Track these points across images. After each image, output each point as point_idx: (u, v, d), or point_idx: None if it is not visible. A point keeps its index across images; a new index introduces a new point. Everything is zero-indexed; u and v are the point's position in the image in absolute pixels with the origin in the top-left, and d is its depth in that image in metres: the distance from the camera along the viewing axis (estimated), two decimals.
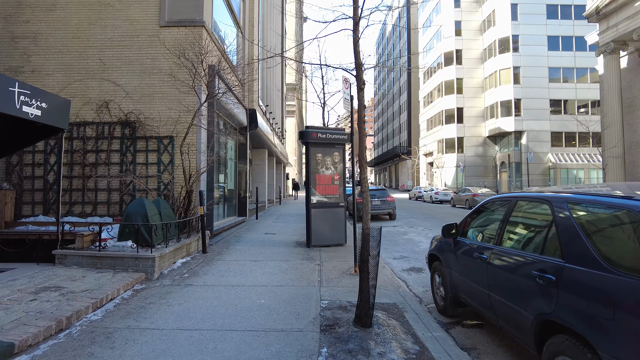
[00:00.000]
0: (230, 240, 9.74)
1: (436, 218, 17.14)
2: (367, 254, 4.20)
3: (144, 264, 5.82)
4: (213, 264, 7.01)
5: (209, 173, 9.52)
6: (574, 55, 40.63)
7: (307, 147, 8.87)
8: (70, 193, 9.13)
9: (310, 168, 8.88)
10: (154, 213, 6.59)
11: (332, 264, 7.22)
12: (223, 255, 7.85)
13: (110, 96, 9.28)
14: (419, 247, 9.84)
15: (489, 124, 43.54)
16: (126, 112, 9.20)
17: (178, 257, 6.92)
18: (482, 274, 3.74)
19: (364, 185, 4.37)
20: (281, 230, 11.93)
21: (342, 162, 9.29)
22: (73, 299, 4.29)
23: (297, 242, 9.59)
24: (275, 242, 9.66)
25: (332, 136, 9.01)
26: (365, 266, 4.19)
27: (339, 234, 9.12)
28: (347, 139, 9.21)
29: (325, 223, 8.98)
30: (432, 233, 12.13)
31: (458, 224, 4.71)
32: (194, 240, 7.82)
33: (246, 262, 7.17)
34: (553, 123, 40.43)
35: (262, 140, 18.15)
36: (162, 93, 9.27)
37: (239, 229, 11.81)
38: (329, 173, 9.10)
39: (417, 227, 13.79)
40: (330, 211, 9.04)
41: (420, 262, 8.14)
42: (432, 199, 30.91)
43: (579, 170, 39.19)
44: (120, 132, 9.24)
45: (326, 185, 9.05)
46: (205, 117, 9.07)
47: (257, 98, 16.35)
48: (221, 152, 12.16)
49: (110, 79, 9.32)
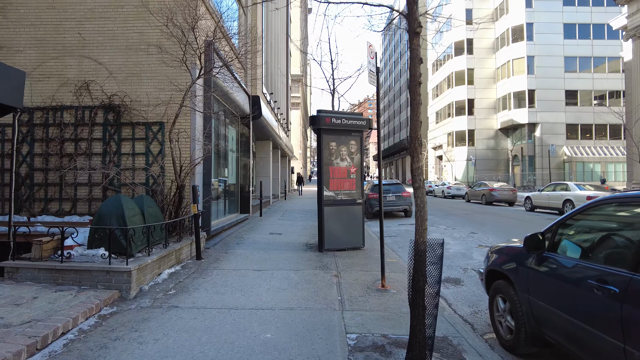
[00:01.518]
0: (231, 242, 8.49)
1: (455, 215, 15.82)
2: (424, 281, 2.92)
3: (118, 279, 4.58)
4: (208, 274, 5.76)
5: (205, 165, 8.26)
6: (591, 44, 38.86)
7: (319, 135, 7.58)
8: (45, 188, 7.91)
9: (323, 159, 7.60)
10: (133, 213, 5.33)
11: (352, 274, 5.95)
12: (221, 262, 6.60)
13: (91, 76, 8.02)
14: (448, 250, 8.54)
15: (501, 116, 41.96)
16: (109, 95, 7.93)
17: (165, 267, 5.67)
18: (607, 315, 2.44)
19: (417, 179, 3.08)
20: (288, 229, 10.67)
21: (360, 153, 7.99)
22: (1, 339, 3.05)
23: (307, 245, 8.32)
24: (282, 244, 8.40)
25: (349, 122, 7.71)
26: (420, 299, 2.91)
27: (355, 236, 7.85)
28: (366, 124, 7.91)
29: (340, 223, 7.70)
30: (457, 233, 10.83)
31: (543, 233, 3.40)
32: (186, 245, 6.57)
33: (248, 272, 5.92)
34: (568, 115, 38.80)
35: (267, 130, 16.86)
36: (150, 72, 8.00)
37: (241, 228, 10.56)
38: (344, 165, 7.80)
39: (438, 225, 12.49)
40: (345, 209, 7.77)
41: (454, 270, 6.86)
42: (444, 194, 29.53)
43: (596, 164, 37.62)
44: (102, 117, 7.98)
45: (341, 179, 7.76)
46: (201, 99, 7.78)
47: (260, 85, 15.04)
48: (221, 142, 10.89)
49: (91, 56, 8.05)
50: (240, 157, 13.09)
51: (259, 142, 19.63)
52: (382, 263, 5.39)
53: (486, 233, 10.75)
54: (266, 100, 16.18)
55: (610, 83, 38.58)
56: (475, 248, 8.74)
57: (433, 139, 51.42)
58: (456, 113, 44.17)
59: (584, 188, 15.09)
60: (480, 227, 11.89)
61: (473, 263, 7.28)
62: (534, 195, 17.52)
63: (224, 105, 10.95)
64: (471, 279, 6.22)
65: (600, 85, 38.74)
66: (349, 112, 7.96)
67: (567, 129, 38.87)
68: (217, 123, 10.25)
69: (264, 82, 15.98)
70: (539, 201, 17.01)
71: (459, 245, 9.09)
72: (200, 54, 6.83)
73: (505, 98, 41.09)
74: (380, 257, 5.44)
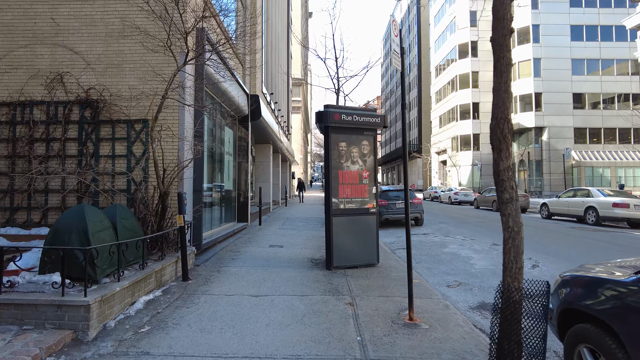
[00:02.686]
0: (225, 257, 7.43)
1: (469, 223, 14.75)
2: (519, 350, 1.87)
3: (73, 315, 3.53)
4: (193, 302, 4.70)
5: (196, 169, 7.22)
6: (599, 46, 37.99)
7: (327, 134, 6.55)
8: (11, 196, 6.86)
9: (332, 162, 6.56)
10: (101, 228, 4.28)
11: (371, 301, 4.88)
12: (211, 284, 5.54)
13: (65, 67, 7.01)
14: (473, 266, 7.48)
15: None
16: (87, 88, 6.92)
17: (141, 293, 4.61)
18: None
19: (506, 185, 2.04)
20: (290, 240, 9.60)
21: (373, 154, 6.96)
22: None
23: (312, 261, 7.26)
24: (284, 259, 7.34)
25: (361, 118, 6.68)
26: None
27: (369, 251, 6.80)
28: (380, 122, 6.88)
29: (351, 236, 6.65)
30: (477, 244, 9.76)
31: None
32: (169, 264, 5.51)
33: (243, 299, 4.85)
34: (576, 118, 37.84)
35: (267, 133, 15.84)
36: (133, 62, 6.99)
37: (238, 240, 9.50)
38: (355, 169, 6.77)
39: (453, 235, 11.42)
40: (357, 220, 6.72)
41: (488, 291, 5.80)
42: (450, 200, 28.47)
43: (605, 169, 36.55)
44: (78, 114, 6.95)
45: (352, 184, 6.72)
46: (191, 91, 6.76)
47: (260, 84, 14.05)
48: (216, 144, 9.87)
49: (66, 45, 7.05)
50: (237, 161, 12.06)
51: (258, 145, 18.63)
52: (409, 289, 4.33)
53: None
54: (266, 100, 15.19)
55: (619, 86, 37.67)
56: None
57: (436, 144, 50.41)
58: (460, 117, 43.22)
59: (607, 194, 14.03)
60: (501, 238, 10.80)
61: None
62: (551, 202, 16.46)
63: (219, 104, 9.94)
64: None
65: (608, 88, 37.80)
66: (361, 108, 6.95)
67: (575, 133, 37.89)
68: (211, 122, 9.24)
69: (263, 82, 15.00)
70: (556, 208, 15.95)
71: (484, 259, 8.02)
72: (186, 34, 5.78)
73: (512, 101, 40.07)
74: (408, 281, 4.38)
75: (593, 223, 13.68)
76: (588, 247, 9.45)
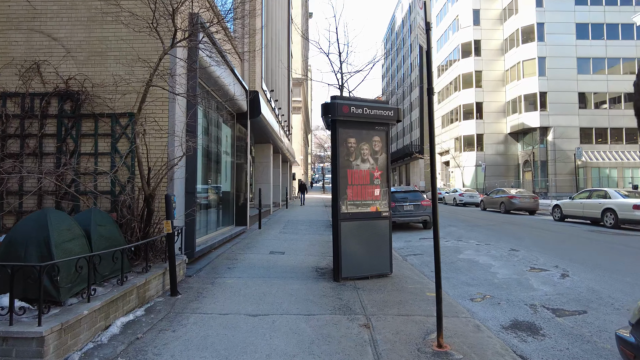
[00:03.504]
0: (221, 266, 6.71)
1: (481, 226, 14.02)
2: None
3: (22, 350, 2.81)
4: (181, 324, 3.98)
5: (188, 168, 6.51)
6: (605, 44, 37.32)
7: (335, 128, 5.84)
8: None
9: (339, 160, 5.84)
10: (68, 237, 3.57)
11: (389, 322, 4.16)
12: (203, 299, 4.82)
13: (43, 55, 6.31)
14: (495, 275, 6.75)
15: (511, 120, 40.31)
16: (66, 79, 6.21)
17: (118, 313, 3.89)
18: None
19: None
20: (292, 246, 8.88)
21: (386, 152, 6.24)
22: None
23: (318, 270, 6.54)
24: (286, 268, 6.61)
25: (372, 111, 5.97)
26: None
27: (381, 260, 6.07)
28: (394, 115, 6.17)
29: (362, 243, 5.93)
30: (494, 250, 9.04)
31: None
32: (155, 276, 4.79)
33: (239, 320, 4.14)
34: (582, 118, 37.15)
35: (267, 132, 15.14)
36: (119, 50, 6.28)
37: (236, 246, 8.78)
38: (366, 167, 6.05)
39: (466, 240, 10.70)
40: (368, 225, 6.00)
41: (518, 307, 5.07)
42: (455, 202, 27.76)
43: (612, 169, 35.85)
44: (57, 107, 6.25)
45: (362, 185, 6.00)
46: (184, 80, 6.05)
47: (260, 80, 13.35)
48: (212, 143, 9.17)
49: (44, 30, 6.35)
50: (236, 161, 11.36)
51: (258, 145, 17.93)
52: (438, 310, 3.61)
53: (530, 250, 8.96)
54: (266, 97, 14.49)
55: (625, 85, 36.92)
56: (527, 272, 6.95)
57: (439, 144, 49.70)
58: (464, 117, 42.51)
59: (625, 195, 13.31)
60: (518, 242, 10.09)
61: (539, 296, 5.49)
62: (564, 204, 15.74)
63: (215, 99, 9.24)
64: (550, 324, 4.42)
65: (615, 87, 37.11)
66: (372, 100, 6.23)
67: (581, 133, 37.18)
68: (206, 119, 8.54)
69: (263, 78, 14.30)
70: (570, 210, 15.23)
71: (505, 267, 7.30)
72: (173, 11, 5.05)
73: (516, 101, 39.47)
74: (437, 301, 3.66)
75: (611, 226, 12.96)
76: (618, 253, 8.73)
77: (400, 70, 70.70)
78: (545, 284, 6.07)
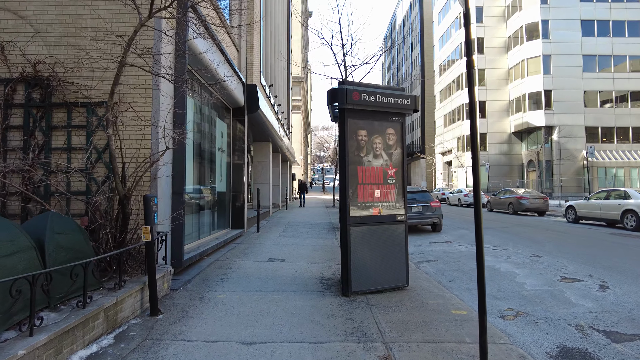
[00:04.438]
0: (212, 276, 5.91)
1: (492, 228, 13.23)
2: None
3: None
4: (158, 356, 3.19)
5: (176, 165, 5.73)
6: (611, 42, 36.55)
7: (343, 118, 5.05)
8: None
9: (348, 155, 5.05)
10: (8, 251, 2.78)
11: (415, 352, 3.36)
12: (189, 320, 4.03)
13: (7, 35, 5.51)
14: (523, 286, 5.96)
15: (515, 119, 39.54)
16: (35, 62, 5.42)
17: (77, 347, 3.09)
18: None
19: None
20: (293, 252, 8.09)
21: (401, 146, 5.46)
22: None
23: (323, 281, 5.75)
24: (286, 279, 5.82)
25: (386, 99, 5.18)
26: None
27: (397, 271, 5.28)
28: (410, 104, 5.38)
29: (374, 251, 5.14)
30: (514, 256, 8.25)
31: None
32: (131, 294, 3.99)
33: (230, 349, 3.34)
34: (588, 117, 36.37)
35: (266, 129, 14.35)
36: (96, 30, 5.49)
37: (231, 252, 7.99)
38: (379, 164, 5.27)
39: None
40: (381, 231, 5.21)
41: (559, 326, 4.28)
42: (460, 202, 26.98)
43: (619, 169, 35.07)
44: (24, 95, 5.45)
45: (375, 185, 5.22)
46: (170, 62, 5.25)
47: (258, 73, 12.57)
48: (205, 140, 8.39)
49: (9, 7, 5.56)
50: (232, 159, 10.56)
51: (257, 143, 17.13)
52: (482, 343, 2.82)
53: (554, 256, 8.17)
54: (265, 92, 13.70)
55: (632, 83, 36.24)
56: (559, 282, 6.16)
57: (440, 144, 48.91)
58: (467, 116, 41.70)
59: None
60: (538, 247, 9.30)
61: (582, 314, 4.69)
62: (578, 205, 14.96)
63: (209, 90, 8.46)
64: (608, 352, 3.63)
65: (621, 85, 36.34)
66: (386, 86, 5.43)
67: (587, 132, 36.41)
68: (200, 112, 7.75)
69: (262, 71, 13.51)
70: (586, 211, 14.44)
71: (532, 277, 6.50)
72: None
73: (520, 100, 38.70)
74: (480, 332, 2.86)
75: (632, 228, 12.18)
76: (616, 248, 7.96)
77: (401, 69, 69.94)
78: (584, 298, 5.28)
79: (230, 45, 9.80)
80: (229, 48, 9.56)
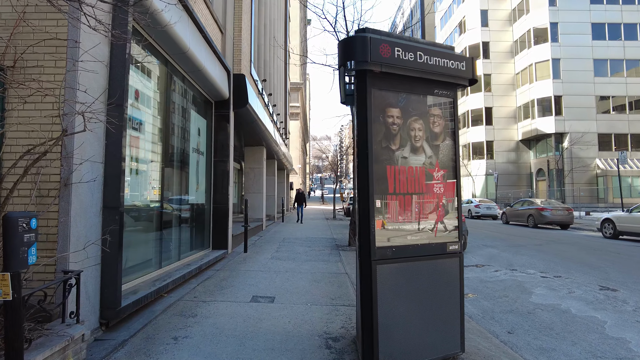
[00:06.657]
0: (163, 331, 3.91)
1: (525, 246, 11.26)
2: None
3: None
4: None
5: (109, 166, 3.79)
6: (622, 45, 35.05)
7: (364, 89, 3.12)
8: None
9: (371, 149, 3.11)
10: None
11: None
12: None
13: None
14: (628, 347, 3.98)
15: (523, 126, 37.82)
16: None
17: None
18: None
19: None
20: (286, 283, 6.09)
21: (451, 136, 3.53)
22: None
23: (329, 345, 3.75)
24: (274, 340, 3.81)
25: (431, 59, 3.27)
26: None
27: (447, 330, 3.31)
28: (467, 69, 3.46)
29: (414, 302, 3.18)
30: (577, 288, 6.28)
31: None
32: None
33: None
34: (600, 123, 34.68)
35: (258, 131, 12.44)
36: None
37: (204, 284, 5.99)
38: (419, 163, 3.33)
39: (522, 268, 7.94)
40: (425, 268, 3.25)
41: None
42: (471, 214, 25.04)
43: (635, 178, 33.24)
44: None
45: (415, 195, 3.27)
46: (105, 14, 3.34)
47: (248, 63, 10.71)
48: (175, 136, 6.49)
49: None
50: (214, 163, 8.63)
51: (249, 148, 15.22)
52: None
53: (632, 290, 6.22)
54: (256, 88, 11.83)
55: None
56: None
57: None
58: (472, 123, 40.02)
59: None
60: (601, 274, 7.33)
61: None
62: (618, 218, 13.03)
63: (180, 75, 6.56)
64: None
65: (634, 90, 34.73)
66: (429, 42, 3.53)
67: (599, 139, 34.66)
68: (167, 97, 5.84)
69: (253, 63, 11.65)
70: (628, 225, 12.52)
71: (629, 327, 4.53)
72: None
73: (528, 106, 37.02)
74: None
75: None
76: None
77: None
78: None
79: (211, 23, 7.95)
80: (209, 26, 7.71)
